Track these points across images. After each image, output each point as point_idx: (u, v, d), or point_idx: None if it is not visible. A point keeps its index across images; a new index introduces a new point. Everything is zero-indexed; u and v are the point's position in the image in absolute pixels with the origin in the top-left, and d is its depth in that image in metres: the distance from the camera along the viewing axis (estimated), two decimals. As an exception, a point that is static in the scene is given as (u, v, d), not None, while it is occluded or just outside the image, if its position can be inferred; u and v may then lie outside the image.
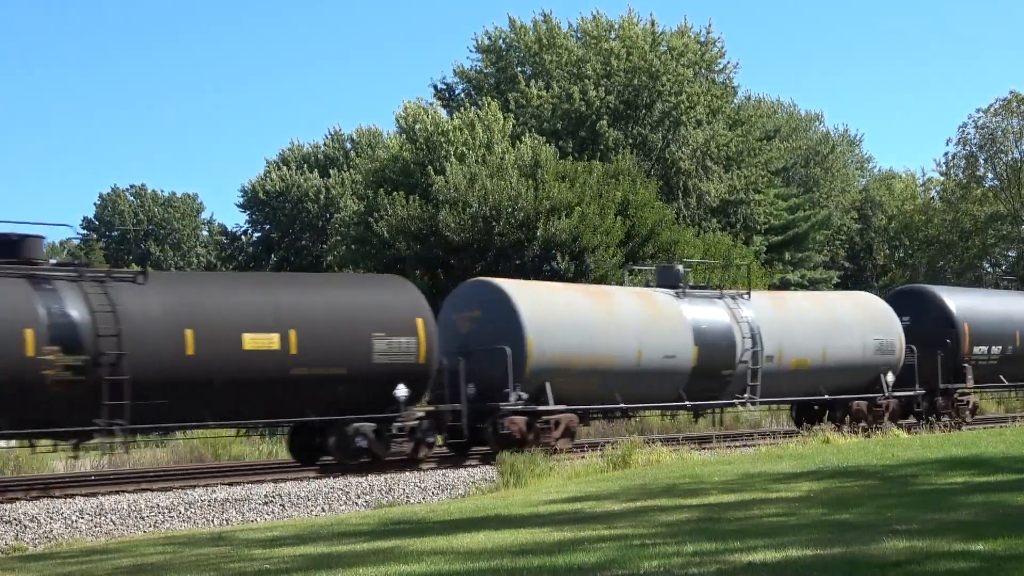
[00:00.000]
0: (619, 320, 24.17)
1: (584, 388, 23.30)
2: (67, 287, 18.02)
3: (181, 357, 18.46)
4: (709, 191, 48.04)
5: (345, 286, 22.73)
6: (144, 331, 18.18)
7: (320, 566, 10.12)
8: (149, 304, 18.57)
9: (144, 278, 19.12)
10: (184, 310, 18.86)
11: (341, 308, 20.63)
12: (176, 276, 22.80)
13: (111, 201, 79.98)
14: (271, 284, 21.68)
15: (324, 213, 61.67)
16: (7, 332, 17.03)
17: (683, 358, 24.79)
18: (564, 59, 48.44)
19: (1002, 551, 8.88)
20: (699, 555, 9.40)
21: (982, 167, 61.57)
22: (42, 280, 17.94)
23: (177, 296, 19.22)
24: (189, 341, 18.58)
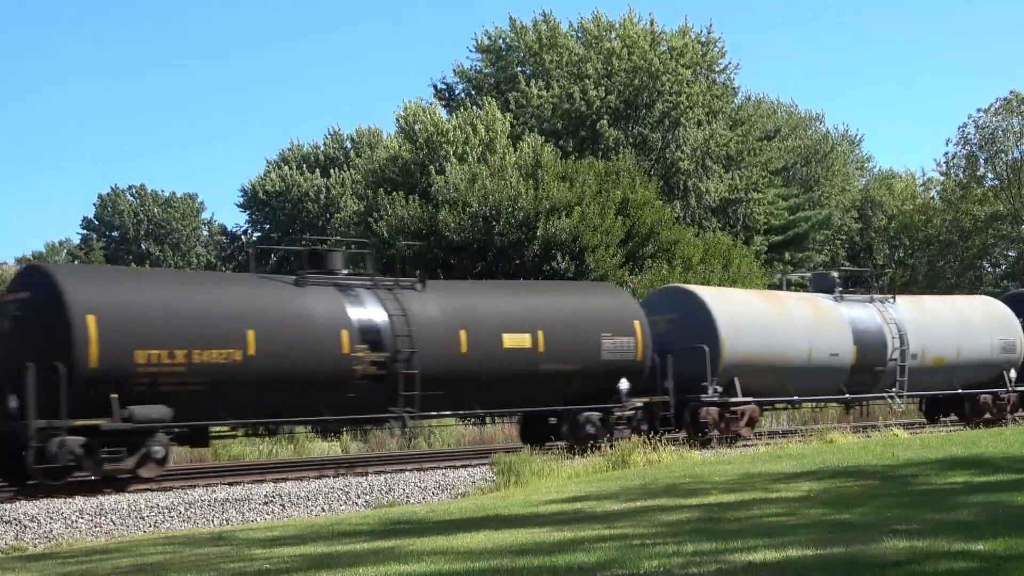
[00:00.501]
0: (793, 322, 27.28)
1: (764, 382, 26.20)
2: (367, 294, 21.04)
3: (457, 354, 21.43)
4: (709, 191, 48.05)
5: (577, 293, 25.90)
6: (428, 332, 21.13)
7: (320, 566, 10.12)
8: (429, 308, 21.54)
9: (423, 286, 22.05)
10: (458, 314, 21.89)
11: (576, 312, 23.57)
12: (448, 284, 25.87)
13: (111, 201, 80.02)
14: (522, 291, 25.13)
15: (324, 213, 61.71)
16: (329, 333, 20.03)
17: (844, 356, 27.91)
18: (564, 59, 48.45)
19: (1002, 551, 8.88)
20: (699, 555, 9.40)
21: (982, 167, 61.58)
22: (347, 288, 21.01)
23: (452, 301, 22.25)
24: (463, 341, 21.61)
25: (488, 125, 40.78)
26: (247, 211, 65.96)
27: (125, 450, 17.93)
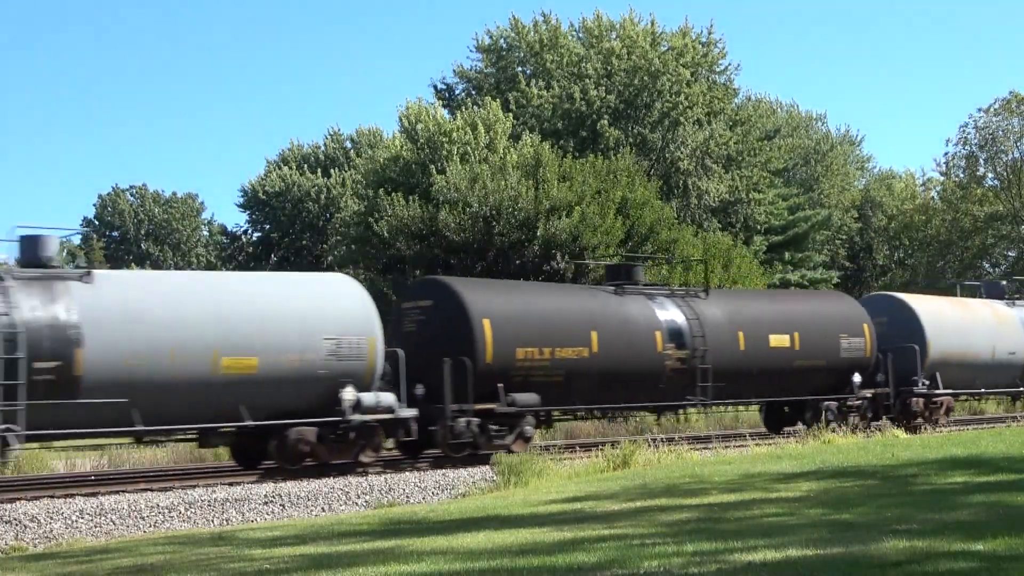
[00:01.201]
0: (979, 324, 32.12)
1: (956, 376, 30.77)
2: (668, 301, 25.53)
3: (736, 352, 25.85)
4: (709, 191, 48.04)
5: (819, 299, 31.34)
6: (715, 333, 25.45)
7: (320, 566, 10.12)
8: (715, 313, 25.89)
9: (706, 294, 26.66)
10: (736, 318, 26.30)
11: (822, 316, 28.15)
12: (725, 292, 30.21)
13: (111, 201, 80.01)
14: (779, 298, 31.08)
15: (324, 213, 61.70)
16: (646, 334, 24.43)
17: (1020, 354, 32.87)
18: (565, 59, 48.44)
19: (1002, 551, 8.88)
20: (699, 555, 9.40)
21: (982, 167, 61.58)
22: (653, 296, 25.47)
23: (730, 307, 26.71)
24: (741, 340, 26.00)
25: (489, 125, 40.76)
26: (247, 211, 65.92)
27: (507, 429, 22.16)
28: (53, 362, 17.33)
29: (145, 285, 19.69)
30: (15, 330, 17.05)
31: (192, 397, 18.46)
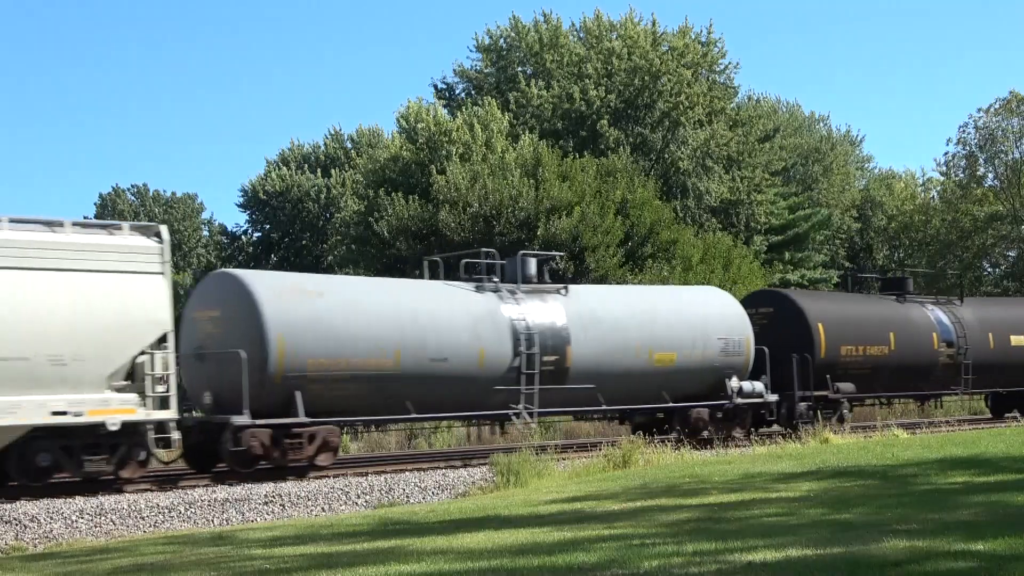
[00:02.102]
0: None
1: None
2: (936, 307, 31.40)
3: (986, 350, 31.76)
4: (710, 191, 48.03)
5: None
6: (972, 333, 31.42)
7: (320, 566, 10.12)
8: (969, 317, 31.83)
9: (961, 301, 32.91)
10: (985, 321, 32.13)
11: None
12: (974, 300, 35.44)
13: (111, 201, 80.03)
14: (1016, 303, 36.78)
15: (324, 213, 61.68)
16: (925, 335, 30.35)
17: None
18: (565, 59, 48.42)
19: (1002, 551, 8.89)
20: (699, 555, 9.41)
21: (982, 167, 61.55)
22: (923, 304, 31.59)
23: (979, 312, 32.56)
24: (991, 340, 32.03)
25: (485, 124, 40.74)
26: (247, 211, 65.91)
27: (832, 411, 27.20)
28: (554, 356, 22.57)
29: (602, 296, 25.08)
30: (531, 331, 22.16)
31: (631, 383, 23.75)
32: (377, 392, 20.48)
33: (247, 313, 19.25)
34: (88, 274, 17.66)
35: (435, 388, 21.09)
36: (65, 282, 17.40)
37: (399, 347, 20.54)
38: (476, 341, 21.62)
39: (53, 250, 17.47)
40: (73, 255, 17.64)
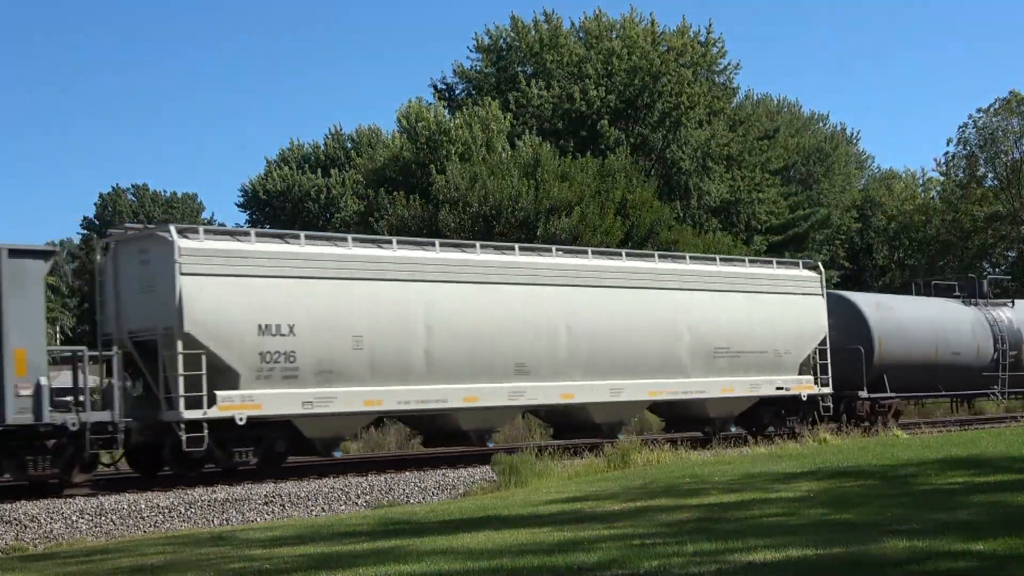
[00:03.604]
0: None
1: None
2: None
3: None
4: (710, 191, 48.03)
5: None
6: None
7: (320, 566, 10.12)
8: None
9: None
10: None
11: None
12: None
13: (111, 201, 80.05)
14: None
15: (324, 213, 61.67)
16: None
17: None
18: (565, 59, 48.41)
19: (1002, 551, 8.89)
20: (699, 555, 9.41)
21: (982, 167, 61.54)
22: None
23: None
24: None
25: (486, 124, 40.73)
26: (247, 211, 65.94)
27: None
28: (1014, 351, 32.48)
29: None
30: (1002, 332, 32.00)
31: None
32: (923, 375, 30.39)
33: (858, 322, 29.18)
34: (791, 296, 26.99)
35: (952, 373, 31.18)
36: (783, 302, 26.77)
37: (935, 346, 30.83)
38: (974, 340, 32.07)
39: (769, 280, 27.08)
40: (786, 284, 27.16)
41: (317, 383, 19.73)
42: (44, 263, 17.60)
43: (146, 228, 20.52)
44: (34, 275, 17.36)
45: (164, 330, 18.69)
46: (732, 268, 26.74)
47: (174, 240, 18.71)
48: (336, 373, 19.94)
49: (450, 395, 21.22)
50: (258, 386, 19.18)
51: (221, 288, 19.00)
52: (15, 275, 17.10)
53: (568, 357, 22.84)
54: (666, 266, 25.35)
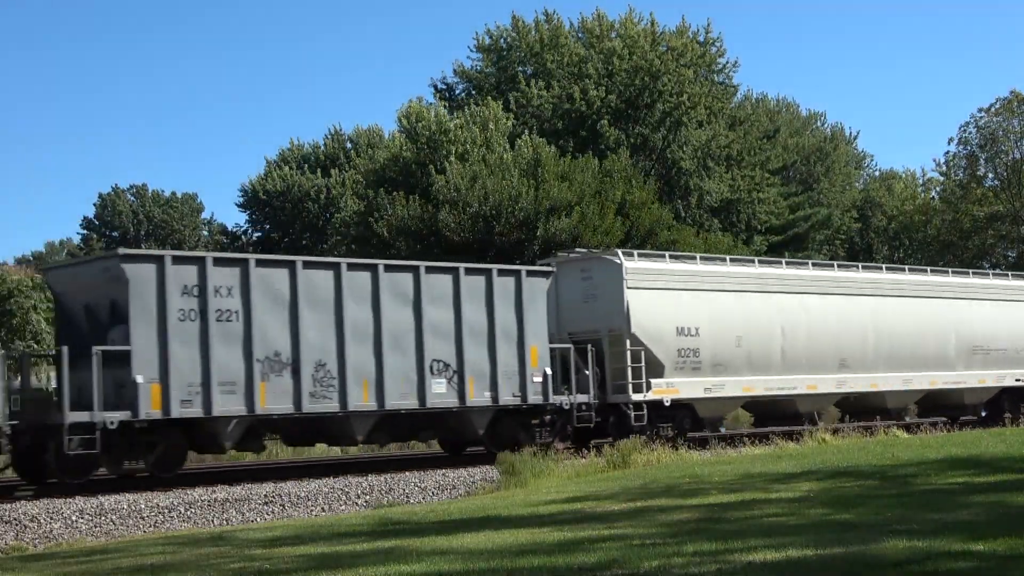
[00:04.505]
0: None
1: None
2: None
3: None
4: (710, 191, 48.03)
5: None
6: None
7: (320, 566, 10.12)
8: None
9: None
10: None
11: None
12: None
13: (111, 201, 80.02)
14: None
15: (324, 213, 61.67)
16: None
17: None
18: (565, 59, 48.41)
19: (1002, 551, 8.89)
20: (699, 555, 9.41)
21: (983, 167, 61.54)
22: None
23: None
24: None
25: (486, 123, 40.71)
26: (247, 211, 65.95)
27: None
28: None
29: None
30: None
31: None
32: None
33: None
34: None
35: None
36: (1021, 309, 32.29)
37: None
38: None
39: (1010, 290, 32.66)
40: (1021, 293, 32.75)
41: (712, 373, 25.25)
42: (546, 280, 22.97)
43: (590, 252, 26.75)
44: (541, 289, 22.69)
45: (609, 332, 24.01)
46: (983, 280, 33.00)
47: (621, 262, 24.34)
48: (724, 365, 25.52)
49: (797, 383, 26.98)
50: (676, 375, 24.61)
51: (652, 298, 24.51)
52: (532, 290, 22.27)
53: (874, 354, 28.65)
54: (938, 279, 31.66)
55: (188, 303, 18.22)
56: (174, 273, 18.10)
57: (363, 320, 20.14)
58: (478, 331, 21.52)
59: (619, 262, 24.23)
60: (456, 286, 21.34)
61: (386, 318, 20.39)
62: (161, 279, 17.99)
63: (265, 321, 18.97)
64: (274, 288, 19.22)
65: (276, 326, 19.10)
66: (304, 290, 19.50)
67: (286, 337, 19.23)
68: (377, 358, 20.25)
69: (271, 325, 19.04)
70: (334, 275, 19.96)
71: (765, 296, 26.68)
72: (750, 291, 26.45)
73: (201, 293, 18.38)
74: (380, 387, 20.22)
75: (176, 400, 17.96)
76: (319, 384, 19.58)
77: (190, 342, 18.17)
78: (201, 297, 18.37)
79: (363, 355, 20.08)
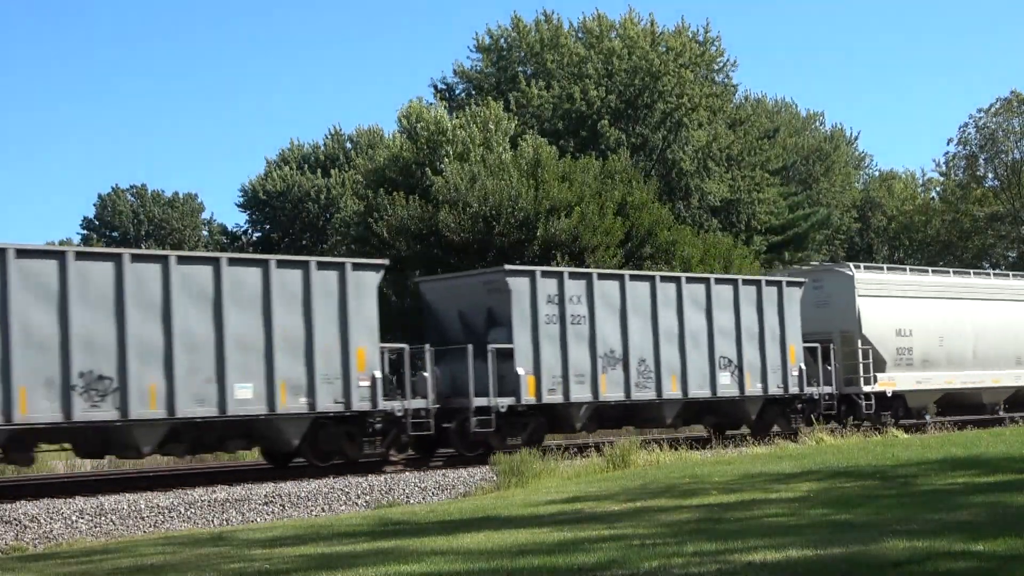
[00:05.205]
0: None
1: None
2: None
3: None
4: (711, 191, 48.01)
5: None
6: None
7: (320, 566, 10.12)
8: None
9: None
10: None
11: None
12: None
13: (111, 201, 79.97)
14: None
15: (324, 213, 61.65)
16: None
17: None
18: (565, 59, 48.40)
19: (1002, 551, 8.89)
20: (699, 555, 9.41)
21: (982, 167, 61.56)
22: None
23: None
24: None
25: (486, 123, 40.69)
26: (247, 211, 65.89)
27: None
28: None
29: None
30: None
31: None
32: None
33: None
34: None
35: None
36: None
37: None
38: None
39: None
40: None
41: (922, 368, 29.72)
42: (800, 289, 26.96)
43: (822, 264, 33.80)
44: (796, 297, 26.93)
45: (841, 333, 28.22)
46: None
47: (853, 273, 28.97)
48: (930, 362, 29.98)
49: (985, 378, 31.46)
50: (894, 371, 29.05)
51: (877, 305, 29.06)
52: None
53: None
54: None
55: (551, 310, 22.33)
56: (542, 285, 22.29)
57: (671, 323, 24.30)
58: (752, 332, 25.67)
59: (851, 273, 29.00)
60: (735, 294, 25.55)
61: (688, 321, 24.56)
62: (533, 290, 22.20)
63: (604, 325, 22.98)
64: (609, 297, 23.25)
65: (610, 329, 23.14)
66: (630, 300, 23.61)
67: (617, 337, 23.22)
68: (681, 355, 24.40)
69: (608, 328, 23.07)
70: (650, 287, 24.26)
71: (960, 302, 31.42)
72: (948, 298, 31.21)
73: (560, 302, 22.48)
74: (684, 379, 24.36)
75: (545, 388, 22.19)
76: (641, 376, 23.65)
77: (554, 342, 22.25)
78: (560, 305, 22.44)
79: (672, 353, 24.18)
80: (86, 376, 17.27)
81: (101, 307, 17.55)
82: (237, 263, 19.14)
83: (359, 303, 20.07)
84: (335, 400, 19.79)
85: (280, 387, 19.12)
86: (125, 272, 17.77)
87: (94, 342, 17.42)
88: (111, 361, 17.52)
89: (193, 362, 18.31)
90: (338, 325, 19.89)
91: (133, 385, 17.63)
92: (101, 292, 17.58)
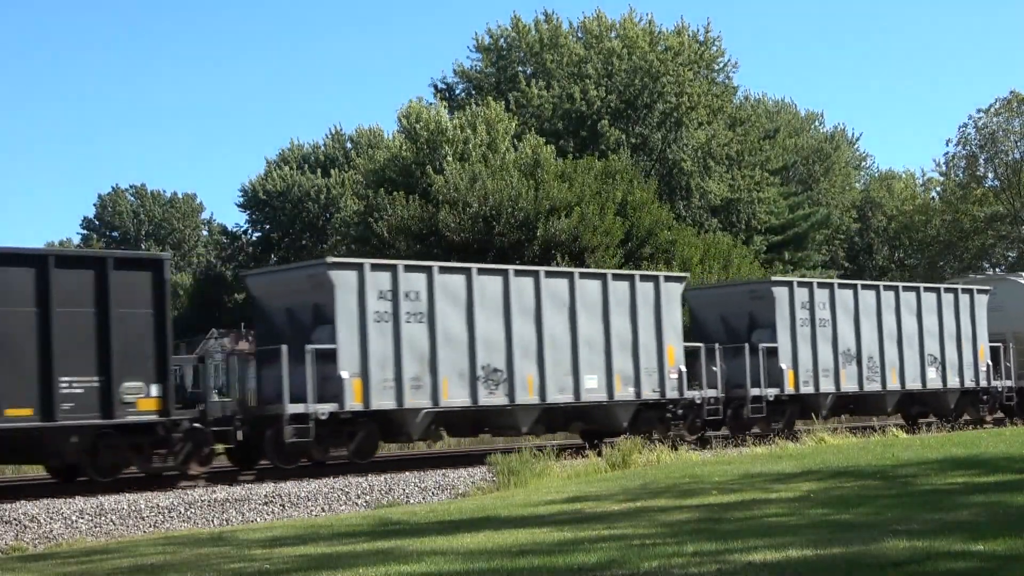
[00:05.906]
0: None
1: None
2: None
3: None
4: (711, 191, 48.02)
5: None
6: None
7: (320, 566, 10.12)
8: None
9: None
10: None
11: None
12: None
13: (111, 201, 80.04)
14: None
15: (324, 213, 61.68)
16: None
17: None
18: (565, 59, 48.42)
19: (1002, 551, 8.89)
20: (699, 555, 9.41)
21: (982, 167, 61.56)
22: None
23: None
24: None
25: (489, 123, 40.71)
26: (247, 211, 65.95)
27: None
28: None
29: None
30: None
31: None
32: None
33: None
34: None
35: None
36: None
37: None
38: None
39: None
40: None
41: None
42: (986, 296, 30.55)
43: (996, 274, 35.37)
44: (983, 303, 30.44)
45: (1014, 334, 31.69)
46: None
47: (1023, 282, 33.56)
48: None
49: None
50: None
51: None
52: None
53: None
54: None
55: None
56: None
57: (891, 326, 28.05)
58: (951, 333, 29.33)
59: (1021, 282, 33.43)
60: (938, 300, 29.26)
61: (904, 324, 28.28)
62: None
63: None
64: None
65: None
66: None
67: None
68: (899, 353, 28.02)
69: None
70: (854, 294, 27.52)
71: None
72: None
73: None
74: (902, 375, 28.10)
75: None
76: (869, 371, 27.45)
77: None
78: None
79: (892, 351, 27.91)
80: (486, 369, 21.03)
81: (494, 312, 21.21)
82: (586, 276, 23.02)
83: (669, 308, 23.76)
84: (652, 390, 23.45)
85: (616, 378, 22.75)
86: (510, 284, 21.46)
87: (490, 341, 21.02)
88: (502, 356, 21.23)
89: (556, 357, 21.91)
90: (654, 327, 23.50)
91: (517, 376, 21.31)
92: (493, 300, 21.26)
